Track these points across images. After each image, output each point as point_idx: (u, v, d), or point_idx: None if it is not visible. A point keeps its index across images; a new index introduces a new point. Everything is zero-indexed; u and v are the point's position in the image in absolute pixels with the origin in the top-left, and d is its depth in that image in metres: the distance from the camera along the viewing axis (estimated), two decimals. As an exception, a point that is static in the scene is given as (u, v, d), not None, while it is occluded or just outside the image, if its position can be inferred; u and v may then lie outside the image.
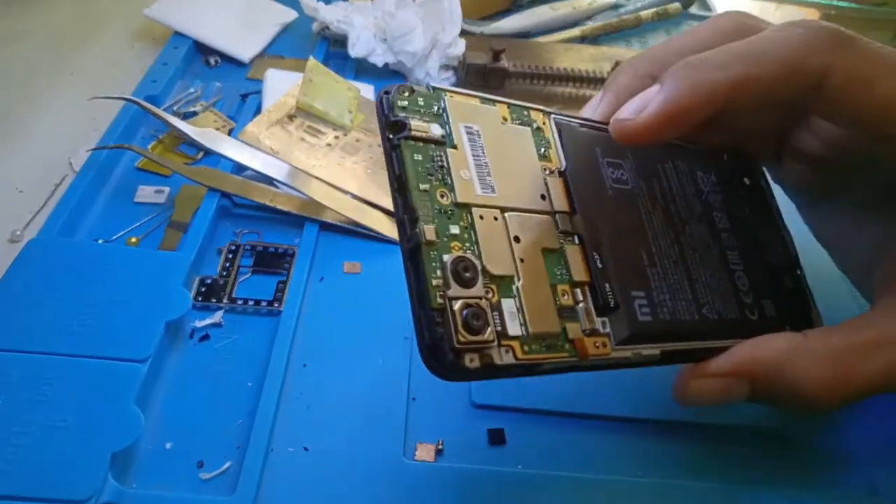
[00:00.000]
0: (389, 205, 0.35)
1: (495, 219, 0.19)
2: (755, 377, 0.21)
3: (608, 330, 0.19)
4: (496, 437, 0.26)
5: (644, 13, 0.54)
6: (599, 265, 0.20)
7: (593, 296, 0.19)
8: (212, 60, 0.45)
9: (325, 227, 0.34)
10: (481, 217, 0.19)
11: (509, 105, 0.22)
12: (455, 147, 0.19)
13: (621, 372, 0.20)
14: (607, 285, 0.19)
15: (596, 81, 0.44)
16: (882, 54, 0.20)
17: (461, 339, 0.16)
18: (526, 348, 0.17)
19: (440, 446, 0.25)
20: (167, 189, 0.35)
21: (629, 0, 0.58)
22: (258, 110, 0.41)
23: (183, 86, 0.43)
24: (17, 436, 0.23)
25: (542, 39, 0.51)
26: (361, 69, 0.46)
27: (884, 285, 0.23)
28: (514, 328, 0.17)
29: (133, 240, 0.32)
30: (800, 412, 0.26)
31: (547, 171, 0.21)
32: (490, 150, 0.20)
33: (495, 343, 0.17)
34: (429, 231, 0.17)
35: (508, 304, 0.18)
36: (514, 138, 0.21)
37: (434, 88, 0.20)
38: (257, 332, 0.29)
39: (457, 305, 0.16)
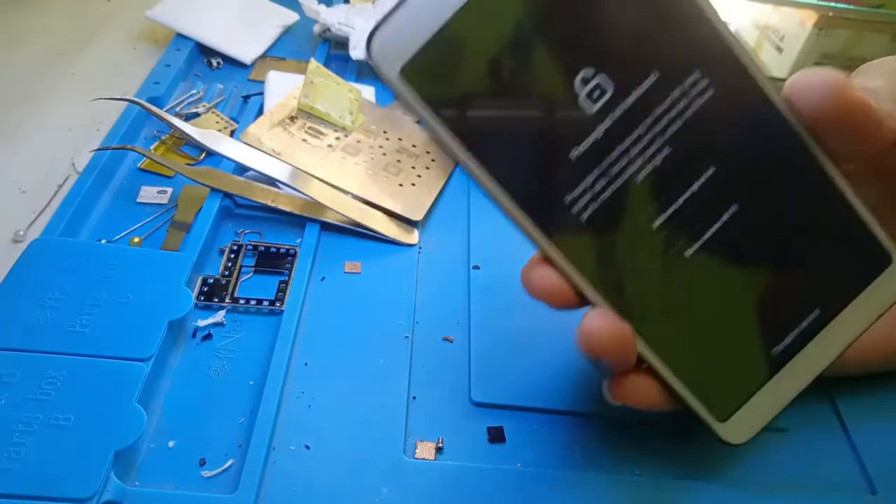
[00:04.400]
0: (390, 205, 0.35)
1: None
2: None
3: None
4: (496, 435, 0.26)
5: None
6: None
7: None
8: (214, 62, 0.46)
9: (327, 227, 0.34)
10: None
11: None
12: None
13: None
14: None
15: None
16: None
17: None
18: None
19: (440, 444, 0.25)
20: (170, 190, 0.35)
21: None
22: (260, 112, 0.41)
23: (185, 87, 0.43)
24: (21, 434, 0.23)
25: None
26: (362, 71, 0.46)
27: None
28: None
29: (136, 240, 0.32)
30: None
31: None
32: None
33: None
34: None
35: None
36: None
37: None
38: (259, 331, 0.29)
39: None
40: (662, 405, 0.23)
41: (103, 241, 0.32)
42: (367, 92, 0.43)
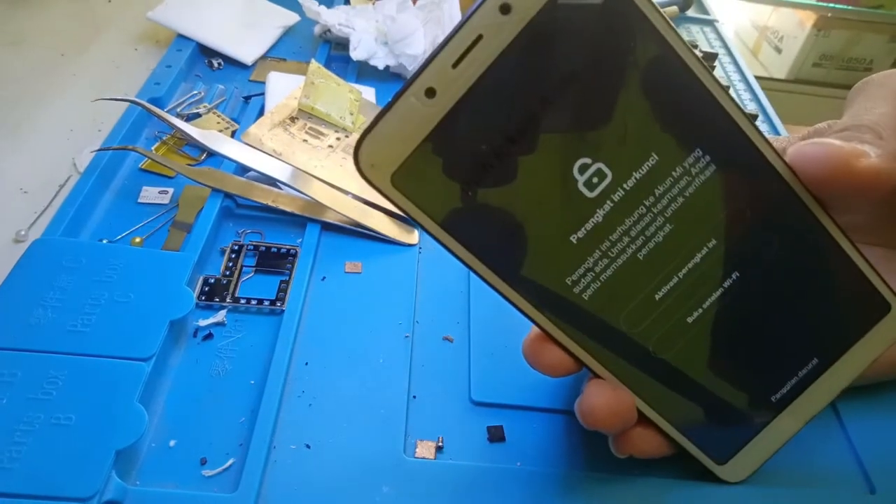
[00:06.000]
0: (389, 205, 0.35)
1: None
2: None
3: None
4: (496, 434, 0.26)
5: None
6: None
7: None
8: (215, 63, 0.46)
9: (327, 227, 0.34)
10: None
11: None
12: None
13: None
14: None
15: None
16: None
17: None
18: None
19: (440, 443, 0.25)
20: (171, 190, 0.35)
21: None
22: (261, 112, 0.41)
23: (186, 88, 0.43)
24: (22, 434, 0.23)
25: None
26: (363, 72, 0.46)
27: None
28: None
29: (137, 240, 0.33)
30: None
31: None
32: None
33: None
34: None
35: None
36: None
37: None
38: (260, 330, 0.29)
39: None
40: (665, 452, 0.24)
41: (105, 242, 0.32)
42: (368, 93, 0.43)
